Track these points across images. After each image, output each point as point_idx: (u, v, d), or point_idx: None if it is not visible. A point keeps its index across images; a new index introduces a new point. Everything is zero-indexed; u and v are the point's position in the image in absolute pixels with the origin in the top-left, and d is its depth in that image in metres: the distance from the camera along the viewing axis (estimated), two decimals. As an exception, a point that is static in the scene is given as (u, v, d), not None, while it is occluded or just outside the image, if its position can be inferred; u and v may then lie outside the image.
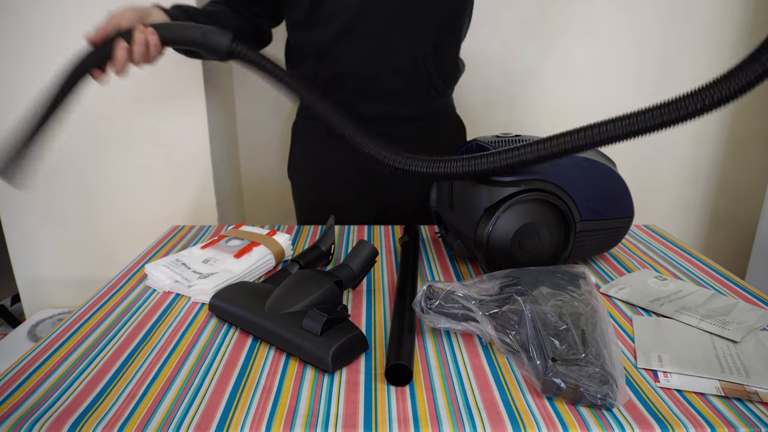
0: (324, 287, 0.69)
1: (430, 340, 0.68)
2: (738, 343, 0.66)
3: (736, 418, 0.53)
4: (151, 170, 1.44)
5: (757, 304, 0.77)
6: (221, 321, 0.73)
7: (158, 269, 0.82)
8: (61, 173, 1.44)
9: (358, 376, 0.60)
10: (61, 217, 1.47)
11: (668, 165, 1.76)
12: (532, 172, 0.80)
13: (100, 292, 0.81)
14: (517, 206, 0.79)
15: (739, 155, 1.76)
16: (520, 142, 0.85)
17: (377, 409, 0.55)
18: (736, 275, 0.87)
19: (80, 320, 0.73)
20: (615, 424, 0.52)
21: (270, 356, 0.64)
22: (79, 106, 1.39)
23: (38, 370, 0.61)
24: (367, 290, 0.82)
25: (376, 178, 1.16)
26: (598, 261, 0.93)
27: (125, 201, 1.47)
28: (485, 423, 0.52)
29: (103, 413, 0.54)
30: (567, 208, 0.81)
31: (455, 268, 0.90)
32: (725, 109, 1.70)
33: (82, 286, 1.54)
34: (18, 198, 1.45)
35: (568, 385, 0.54)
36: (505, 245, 0.80)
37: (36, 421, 0.53)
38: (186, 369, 0.62)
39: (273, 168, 1.78)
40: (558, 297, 0.67)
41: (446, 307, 0.66)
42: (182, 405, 0.55)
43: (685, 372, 0.60)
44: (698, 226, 1.85)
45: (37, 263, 1.52)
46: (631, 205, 0.89)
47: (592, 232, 0.85)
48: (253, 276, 0.85)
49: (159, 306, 0.77)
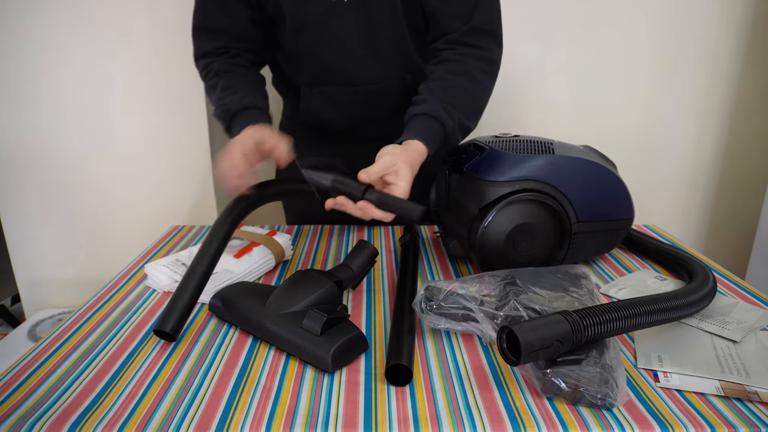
0: (324, 287, 0.69)
1: (430, 340, 0.67)
2: (738, 343, 0.66)
3: (736, 418, 0.53)
4: (151, 170, 1.45)
5: (757, 304, 0.77)
6: (221, 321, 0.73)
7: (158, 269, 0.82)
8: (62, 174, 1.44)
9: (358, 376, 0.60)
10: (61, 217, 1.47)
11: (668, 165, 1.76)
12: (527, 173, 0.80)
13: (100, 292, 0.81)
14: (511, 206, 0.79)
15: (739, 155, 1.76)
16: (520, 142, 0.85)
17: (377, 409, 0.55)
18: (736, 275, 0.87)
19: (80, 320, 0.73)
20: (615, 424, 0.52)
21: (270, 356, 0.64)
22: (79, 107, 1.39)
23: (38, 370, 0.61)
24: (367, 290, 0.82)
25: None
26: (598, 261, 0.93)
27: (125, 201, 1.47)
28: (485, 423, 0.52)
29: (103, 413, 0.54)
30: (562, 209, 0.81)
31: (455, 268, 0.90)
32: (725, 109, 1.70)
33: (82, 286, 1.54)
34: (18, 198, 1.45)
35: (568, 385, 0.54)
36: (498, 245, 0.80)
37: (36, 421, 0.53)
38: (186, 369, 0.62)
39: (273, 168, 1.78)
40: (559, 297, 0.67)
41: (446, 308, 0.66)
42: (182, 405, 0.55)
43: (685, 372, 0.60)
44: (698, 226, 1.85)
45: (37, 263, 1.52)
46: (630, 206, 0.88)
47: (589, 234, 0.85)
48: (253, 276, 0.85)
49: (159, 306, 0.77)
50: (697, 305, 0.69)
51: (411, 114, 0.89)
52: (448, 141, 0.89)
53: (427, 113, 0.87)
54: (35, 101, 1.38)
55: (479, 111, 0.95)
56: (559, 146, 0.84)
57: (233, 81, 0.94)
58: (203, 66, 0.98)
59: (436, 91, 0.90)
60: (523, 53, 1.62)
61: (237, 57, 0.98)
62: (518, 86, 1.65)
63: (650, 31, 1.61)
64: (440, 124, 0.87)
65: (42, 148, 1.42)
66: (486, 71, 0.95)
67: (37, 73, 1.36)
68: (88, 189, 1.45)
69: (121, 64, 1.36)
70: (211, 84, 0.96)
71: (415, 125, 0.87)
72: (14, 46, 1.34)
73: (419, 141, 0.84)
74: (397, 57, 1.01)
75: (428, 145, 0.85)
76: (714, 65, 1.64)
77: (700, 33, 1.61)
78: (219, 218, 0.78)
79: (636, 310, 0.60)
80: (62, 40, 1.33)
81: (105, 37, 1.34)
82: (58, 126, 1.40)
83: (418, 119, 0.88)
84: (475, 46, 0.94)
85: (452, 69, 0.92)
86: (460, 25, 0.94)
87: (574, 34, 1.61)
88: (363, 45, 0.98)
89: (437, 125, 0.87)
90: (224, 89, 0.93)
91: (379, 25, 0.97)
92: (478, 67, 0.94)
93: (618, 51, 1.63)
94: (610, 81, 1.66)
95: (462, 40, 0.94)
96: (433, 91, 0.90)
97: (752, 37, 1.62)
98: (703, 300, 0.71)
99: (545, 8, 1.57)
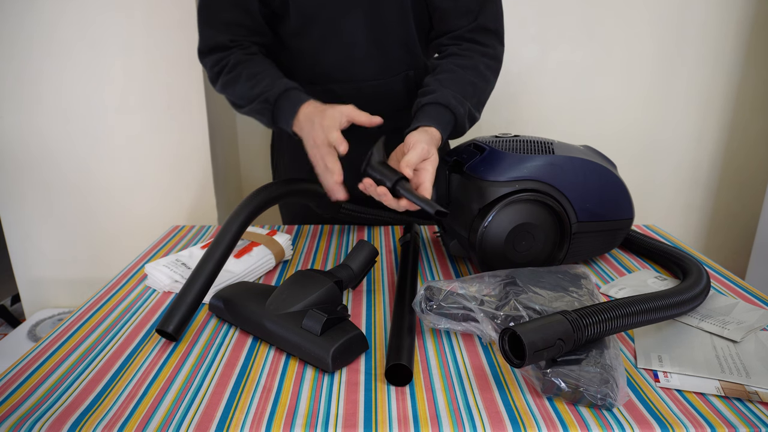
0: (324, 287, 0.69)
1: (430, 340, 0.67)
2: (738, 343, 0.66)
3: (736, 418, 0.53)
4: (151, 170, 1.45)
5: (757, 304, 0.77)
6: (221, 321, 0.73)
7: (158, 269, 0.82)
8: (62, 174, 1.44)
9: (358, 376, 0.60)
10: (61, 217, 1.47)
11: (668, 165, 1.76)
12: (527, 173, 0.80)
13: (100, 292, 0.81)
14: (511, 206, 0.79)
15: (740, 155, 1.76)
16: (520, 142, 0.85)
17: (377, 409, 0.55)
18: (736, 275, 0.87)
19: (80, 320, 0.73)
20: (615, 424, 0.52)
21: (270, 356, 0.64)
22: (79, 107, 1.39)
23: (38, 370, 0.61)
24: (367, 290, 0.82)
25: None
26: (598, 261, 0.93)
27: (125, 201, 1.47)
28: (485, 423, 0.52)
29: (103, 413, 0.54)
30: (562, 209, 0.81)
31: (455, 268, 0.90)
32: (725, 109, 1.70)
33: (82, 286, 1.54)
34: (18, 198, 1.45)
35: (568, 385, 0.54)
36: (498, 245, 0.80)
37: (36, 421, 0.53)
38: (186, 369, 0.62)
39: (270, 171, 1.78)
40: (559, 297, 0.67)
41: (446, 308, 0.66)
42: (182, 405, 0.55)
43: (685, 372, 0.60)
44: (698, 226, 1.85)
45: (37, 263, 1.52)
46: (630, 206, 0.88)
47: (589, 234, 0.85)
48: (253, 276, 0.85)
49: (159, 306, 0.77)
50: (694, 301, 0.70)
51: (420, 104, 0.89)
52: (456, 129, 0.90)
53: (437, 102, 0.88)
54: (35, 101, 1.38)
55: (483, 105, 0.96)
56: (559, 146, 0.84)
57: (257, 68, 0.92)
58: (215, 61, 0.95)
59: (445, 82, 0.90)
60: (523, 53, 1.62)
61: (249, 48, 0.96)
62: (518, 86, 1.65)
63: (650, 31, 1.61)
64: (451, 112, 0.88)
65: (42, 148, 1.42)
66: (491, 67, 0.96)
67: (37, 73, 1.36)
68: (88, 189, 1.45)
69: (121, 63, 1.36)
70: (231, 77, 0.93)
71: (428, 113, 0.87)
72: (14, 47, 1.34)
73: (434, 127, 0.85)
74: (403, 53, 1.01)
75: (442, 132, 0.86)
76: (714, 65, 1.65)
77: (700, 33, 1.61)
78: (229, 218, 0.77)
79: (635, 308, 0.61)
80: (62, 41, 1.33)
81: (105, 38, 1.34)
82: (58, 126, 1.40)
83: (429, 107, 0.88)
84: (480, 43, 0.96)
85: (460, 63, 0.93)
86: (467, 23, 0.95)
87: (574, 34, 1.61)
88: (369, 41, 0.98)
89: (448, 113, 0.88)
90: (249, 79, 0.90)
91: (386, 21, 0.97)
92: (484, 62, 0.95)
93: (618, 51, 1.63)
94: (610, 81, 1.66)
95: (468, 37, 0.96)
96: (443, 82, 0.90)
97: (752, 37, 1.62)
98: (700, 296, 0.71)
99: (545, 8, 1.57)
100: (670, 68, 1.64)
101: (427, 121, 0.85)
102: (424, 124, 0.85)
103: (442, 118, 0.87)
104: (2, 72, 1.35)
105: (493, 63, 0.96)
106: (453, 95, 0.88)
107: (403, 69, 1.03)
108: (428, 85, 0.92)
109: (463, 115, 0.89)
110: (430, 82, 0.92)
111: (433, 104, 0.88)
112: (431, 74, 0.94)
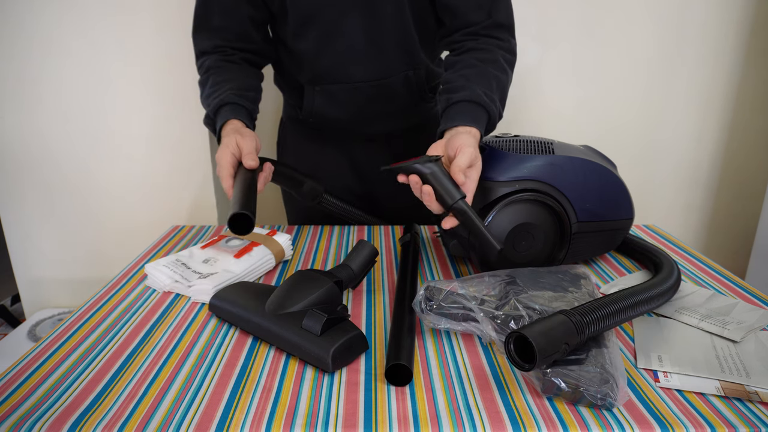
0: (324, 287, 0.69)
1: (430, 340, 0.67)
2: (738, 343, 0.66)
3: (736, 418, 0.53)
4: (151, 170, 1.44)
5: (757, 304, 0.77)
6: (221, 321, 0.73)
7: (158, 269, 0.82)
8: (62, 173, 1.44)
9: (358, 376, 0.60)
10: (61, 217, 1.47)
11: (668, 165, 1.76)
12: (527, 173, 0.80)
13: (100, 292, 0.81)
14: (510, 206, 0.79)
15: (739, 155, 1.76)
16: (520, 142, 0.85)
17: (377, 409, 0.55)
18: (736, 275, 0.87)
19: (80, 320, 0.73)
20: (615, 424, 0.52)
21: (270, 356, 0.64)
22: (79, 107, 1.39)
23: (38, 370, 0.61)
24: (367, 290, 0.82)
25: (369, 182, 1.16)
26: (598, 261, 0.93)
27: (125, 201, 1.47)
28: (485, 423, 0.52)
29: (103, 413, 0.54)
30: (562, 209, 0.81)
31: (455, 268, 0.90)
32: (725, 109, 1.70)
33: (82, 286, 1.54)
34: (18, 198, 1.45)
35: (568, 385, 0.54)
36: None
37: (36, 421, 0.53)
38: (186, 369, 0.62)
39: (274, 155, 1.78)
40: (559, 297, 0.67)
41: (446, 308, 0.66)
42: (182, 405, 0.55)
43: (685, 372, 0.60)
44: (698, 226, 1.85)
45: (37, 263, 1.52)
46: (630, 206, 0.88)
47: (589, 234, 0.85)
48: (253, 276, 0.85)
49: (159, 306, 0.77)
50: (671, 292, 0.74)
51: (451, 101, 0.85)
52: (487, 129, 0.86)
53: (470, 99, 0.83)
54: (35, 101, 1.38)
55: (505, 100, 0.92)
56: (559, 146, 0.84)
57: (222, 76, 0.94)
58: (199, 65, 0.99)
59: (471, 78, 0.86)
60: (523, 53, 1.61)
61: (231, 56, 0.98)
62: (518, 86, 1.65)
63: (650, 31, 1.60)
64: (484, 109, 0.84)
65: (42, 148, 1.42)
66: (509, 61, 0.94)
67: (37, 73, 1.36)
68: (88, 189, 1.45)
69: (121, 63, 1.36)
70: (201, 81, 0.97)
71: (462, 111, 0.83)
72: (14, 47, 1.34)
73: (475, 128, 0.81)
74: (402, 53, 1.01)
75: (481, 132, 0.82)
76: (714, 65, 1.64)
77: (700, 33, 1.61)
78: None
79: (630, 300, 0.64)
80: (62, 41, 1.33)
81: (105, 38, 1.34)
82: (58, 126, 1.40)
83: (462, 105, 0.83)
84: (496, 37, 0.94)
85: (481, 57, 0.90)
86: (481, 18, 0.93)
87: (574, 34, 1.60)
88: (368, 42, 0.98)
89: (482, 111, 0.84)
90: (211, 86, 0.93)
91: (384, 22, 0.97)
92: (503, 56, 0.92)
93: (618, 51, 1.62)
94: (610, 81, 1.66)
95: (483, 32, 0.93)
96: (469, 79, 0.86)
97: (752, 37, 1.62)
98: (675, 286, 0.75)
99: (545, 8, 1.57)
100: (670, 68, 1.64)
101: (466, 121, 0.81)
102: (464, 124, 0.80)
103: (479, 117, 0.83)
104: (3, 72, 1.35)
105: (510, 57, 0.94)
106: (484, 92, 0.84)
107: (402, 69, 1.03)
108: (452, 81, 0.87)
109: (495, 113, 0.85)
110: (453, 78, 0.88)
111: (466, 102, 0.83)
112: (451, 70, 0.90)
